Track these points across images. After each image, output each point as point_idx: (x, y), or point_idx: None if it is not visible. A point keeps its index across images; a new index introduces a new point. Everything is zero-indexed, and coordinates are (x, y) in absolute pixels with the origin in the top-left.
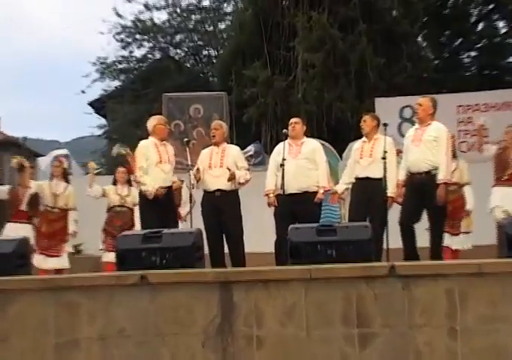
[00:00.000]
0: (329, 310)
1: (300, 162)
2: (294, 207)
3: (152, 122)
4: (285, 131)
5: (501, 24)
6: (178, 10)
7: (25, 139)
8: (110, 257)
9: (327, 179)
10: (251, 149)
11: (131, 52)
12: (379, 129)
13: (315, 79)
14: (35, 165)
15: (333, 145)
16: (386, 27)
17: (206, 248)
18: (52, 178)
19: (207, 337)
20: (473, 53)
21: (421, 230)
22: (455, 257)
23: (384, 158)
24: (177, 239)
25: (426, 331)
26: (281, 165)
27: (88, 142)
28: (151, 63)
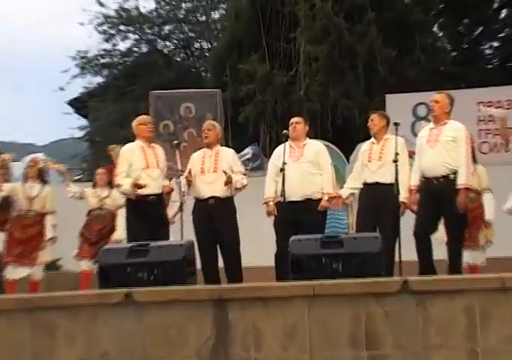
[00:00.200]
0: (335, 331)
1: (302, 166)
2: (296, 216)
3: (134, 123)
4: (286, 132)
5: None
6: None
7: None
8: (86, 265)
9: (333, 185)
10: (249, 152)
11: (115, 45)
12: (389, 129)
13: (319, 74)
14: (7, 166)
15: (339, 147)
16: (397, 15)
17: (199, 262)
18: (26, 180)
19: None
20: (495, 43)
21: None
22: (473, 273)
23: (396, 161)
24: (166, 253)
25: (443, 353)
26: (281, 169)
27: (67, 145)
28: (137, 57)
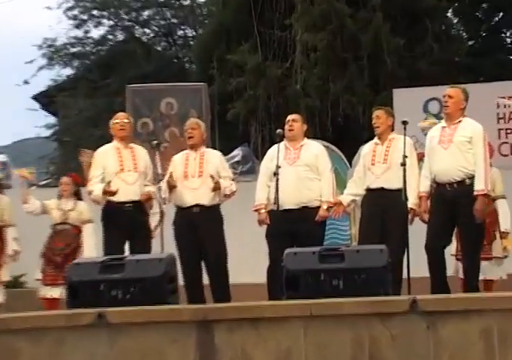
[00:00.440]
0: (334, 356)
1: (299, 170)
2: (291, 226)
3: (111, 121)
4: (280, 131)
5: None
6: None
7: None
8: (49, 293)
9: (333, 192)
10: (238, 154)
11: (87, 33)
12: (397, 127)
13: (318, 66)
14: None
15: (341, 148)
16: (406, 0)
17: (181, 279)
18: None
19: None
20: None
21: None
22: (488, 289)
23: (404, 164)
24: (144, 268)
25: None
26: (274, 173)
27: (33, 146)
28: (112, 46)
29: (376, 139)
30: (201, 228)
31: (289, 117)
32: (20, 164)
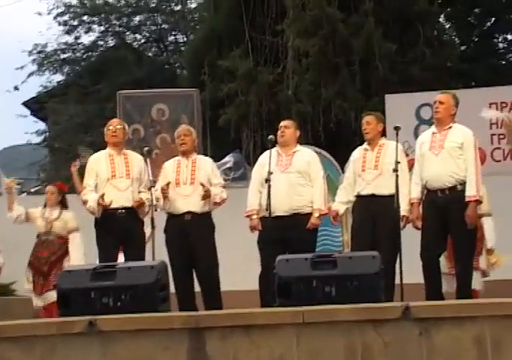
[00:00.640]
0: None
1: (291, 176)
2: (283, 233)
3: (105, 128)
4: (271, 137)
5: None
6: None
7: None
8: (41, 301)
9: (324, 200)
10: (230, 160)
11: (77, 38)
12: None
13: (310, 72)
14: None
15: (333, 154)
16: (398, 5)
17: (172, 286)
18: None
19: None
20: (509, 36)
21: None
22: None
23: (396, 170)
24: (135, 276)
25: None
26: (266, 180)
27: (23, 152)
28: (102, 52)
29: (366, 145)
30: (193, 235)
31: (282, 123)
32: (11, 171)
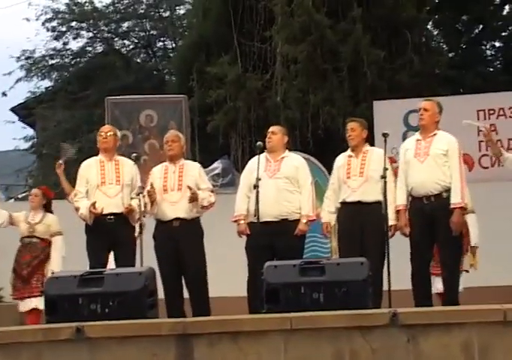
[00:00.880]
0: None
1: (278, 182)
2: (271, 239)
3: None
4: (260, 144)
5: None
6: None
7: None
8: (26, 306)
9: (312, 206)
10: (218, 166)
11: (66, 44)
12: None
13: (298, 78)
14: None
15: (321, 161)
16: (386, 12)
17: (160, 292)
18: None
19: None
20: (497, 43)
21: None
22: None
23: (384, 177)
24: (123, 282)
25: None
26: (254, 186)
27: (11, 159)
28: (91, 58)
29: (350, 152)
30: (181, 241)
31: (269, 129)
32: None
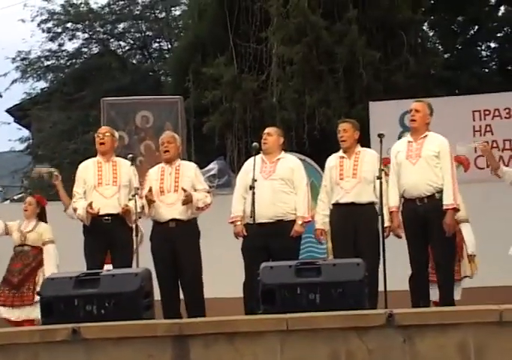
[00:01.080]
0: None
1: (274, 183)
2: (266, 240)
3: None
4: (255, 145)
5: None
6: None
7: None
8: (7, 313)
9: (308, 207)
10: (214, 167)
11: (61, 46)
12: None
13: (294, 79)
14: None
15: (317, 161)
16: (382, 13)
17: (157, 293)
18: None
19: None
20: (492, 44)
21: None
22: None
23: (380, 177)
24: (119, 283)
25: None
26: (250, 187)
27: (6, 160)
28: (86, 59)
29: (341, 153)
30: (177, 242)
31: (265, 130)
32: None
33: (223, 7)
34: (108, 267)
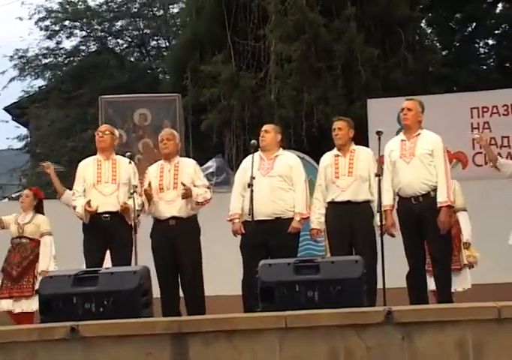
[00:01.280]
0: None
1: (272, 180)
2: (265, 237)
3: None
4: (254, 142)
5: None
6: None
7: None
8: (6, 305)
9: (306, 204)
10: (212, 165)
11: (59, 43)
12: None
13: (292, 76)
14: None
15: (315, 159)
16: (380, 10)
17: (156, 291)
18: None
19: None
20: (490, 41)
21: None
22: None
23: (379, 175)
24: (117, 281)
25: None
26: (249, 185)
27: (4, 158)
28: (84, 57)
29: (336, 151)
30: (177, 240)
31: (263, 127)
32: None
33: (221, 5)
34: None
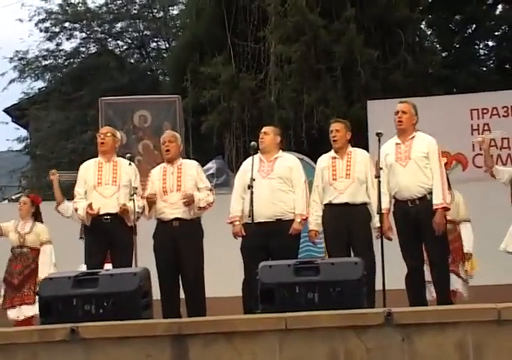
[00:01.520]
0: None
1: (272, 182)
2: (265, 239)
3: None
4: (254, 144)
5: None
6: None
7: None
8: (13, 314)
9: (306, 205)
10: (212, 167)
11: (59, 45)
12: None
13: (292, 78)
14: None
15: (315, 160)
16: (380, 12)
17: (156, 293)
18: None
19: None
20: (490, 43)
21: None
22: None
23: (378, 176)
24: (117, 283)
25: None
26: (249, 186)
27: (4, 160)
28: (84, 58)
29: (333, 153)
30: (180, 241)
31: (262, 129)
32: None
33: (221, 6)
34: (108, 266)
